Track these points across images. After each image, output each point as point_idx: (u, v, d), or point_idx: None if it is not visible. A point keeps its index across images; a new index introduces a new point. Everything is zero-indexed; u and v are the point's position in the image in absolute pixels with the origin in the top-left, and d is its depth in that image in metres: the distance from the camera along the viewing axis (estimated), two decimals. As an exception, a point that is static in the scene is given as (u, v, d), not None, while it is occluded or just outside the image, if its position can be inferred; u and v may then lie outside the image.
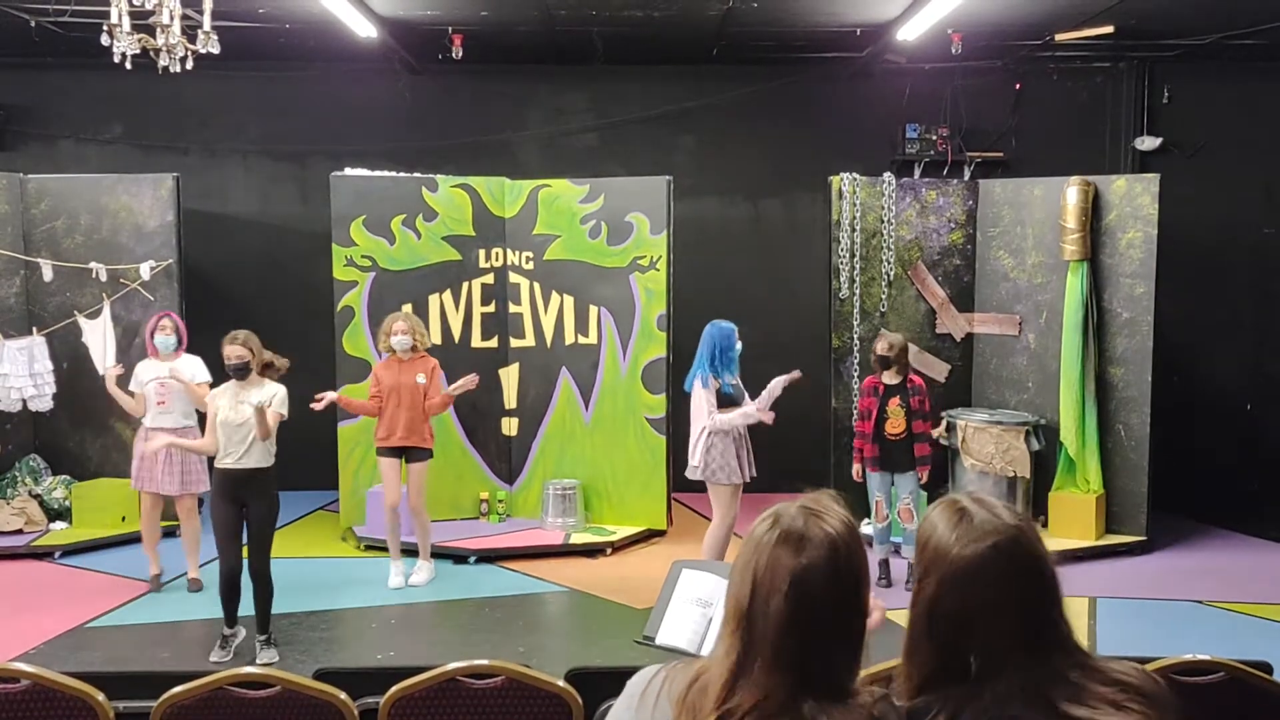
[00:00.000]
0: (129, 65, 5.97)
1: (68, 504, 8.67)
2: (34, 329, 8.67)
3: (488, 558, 8.18)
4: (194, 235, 9.21)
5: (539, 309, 9.00)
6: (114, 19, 5.69)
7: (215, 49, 5.83)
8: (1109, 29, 8.63)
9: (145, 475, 7.27)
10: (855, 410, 7.92)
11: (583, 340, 8.91)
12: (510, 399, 9.07)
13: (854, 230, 8.80)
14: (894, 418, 7.37)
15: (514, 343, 9.05)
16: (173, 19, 5.80)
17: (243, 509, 6.15)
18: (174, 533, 7.78)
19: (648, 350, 8.74)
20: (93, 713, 3.36)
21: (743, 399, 6.98)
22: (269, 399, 6.14)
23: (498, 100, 10.11)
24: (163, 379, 7.24)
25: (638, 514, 8.80)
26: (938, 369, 9.01)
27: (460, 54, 9.04)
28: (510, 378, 9.06)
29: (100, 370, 8.58)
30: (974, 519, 1.91)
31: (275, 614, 6.30)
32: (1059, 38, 8.98)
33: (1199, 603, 7.37)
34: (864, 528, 7.40)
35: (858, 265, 8.83)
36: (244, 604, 6.23)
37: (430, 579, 7.63)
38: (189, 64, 5.99)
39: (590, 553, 8.36)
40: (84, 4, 7.73)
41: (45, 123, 10.02)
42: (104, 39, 5.77)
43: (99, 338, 8.61)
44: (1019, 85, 9.97)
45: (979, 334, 9.11)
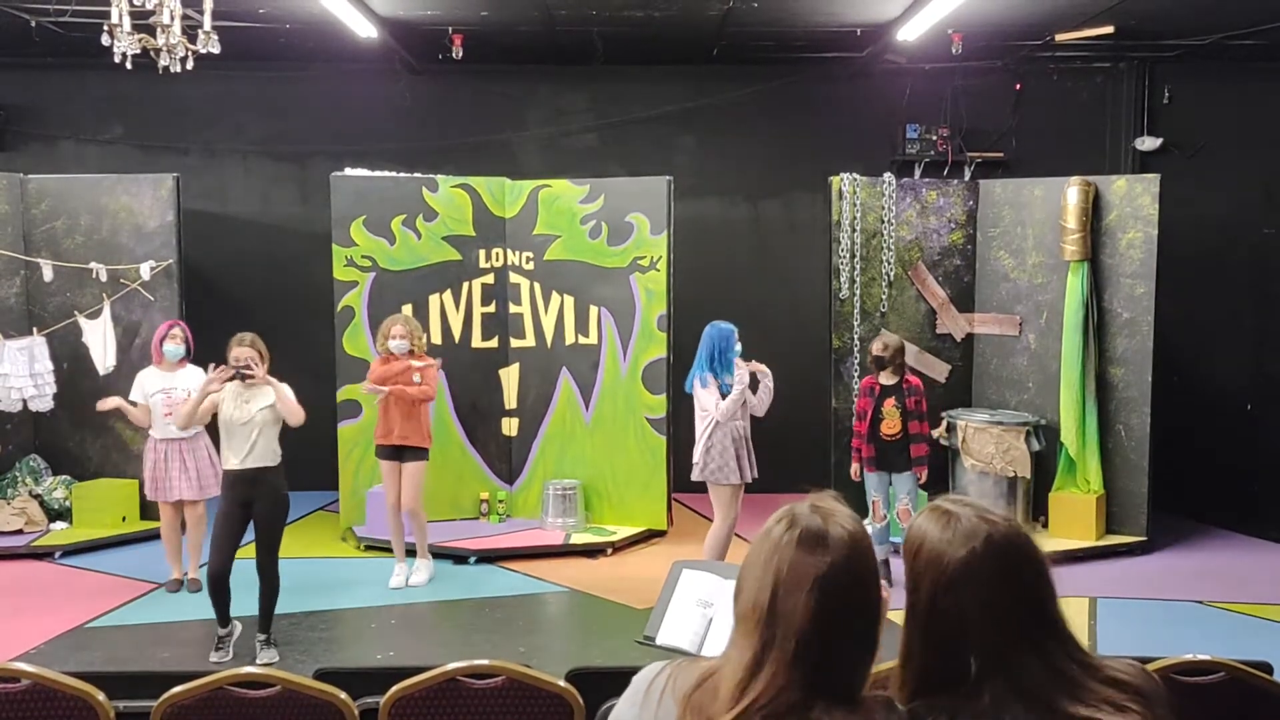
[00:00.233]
0: (129, 65, 5.98)
1: (68, 504, 8.68)
2: (34, 329, 8.67)
3: (488, 558, 8.18)
4: (194, 235, 9.21)
5: (539, 309, 9.00)
6: (114, 19, 5.69)
7: (215, 49, 5.83)
8: (1109, 29, 8.63)
9: (161, 485, 7.27)
10: (854, 410, 7.92)
11: (583, 340, 8.91)
12: (510, 399, 9.07)
13: (854, 230, 8.80)
14: (889, 418, 7.37)
15: (514, 343, 9.05)
16: (173, 19, 5.80)
17: (249, 510, 6.13)
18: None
19: (648, 350, 8.75)
20: (93, 712, 3.36)
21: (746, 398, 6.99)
22: (272, 400, 6.13)
23: (498, 100, 10.11)
24: (169, 390, 7.24)
25: (638, 514, 8.80)
26: (938, 369, 9.01)
27: (460, 54, 9.05)
28: (510, 378, 9.06)
29: (100, 370, 8.59)
30: (961, 521, 1.90)
31: (275, 614, 6.28)
32: (1059, 38, 8.98)
33: (1199, 603, 7.37)
34: (864, 528, 7.38)
35: (858, 265, 8.83)
36: (238, 604, 6.19)
37: (430, 578, 7.63)
38: (189, 64, 6.00)
39: (590, 553, 8.36)
40: (84, 4, 7.73)
41: (45, 123, 10.02)
42: (104, 39, 5.78)
43: (99, 338, 8.61)
44: (1019, 85, 9.97)
45: (979, 334, 9.11)
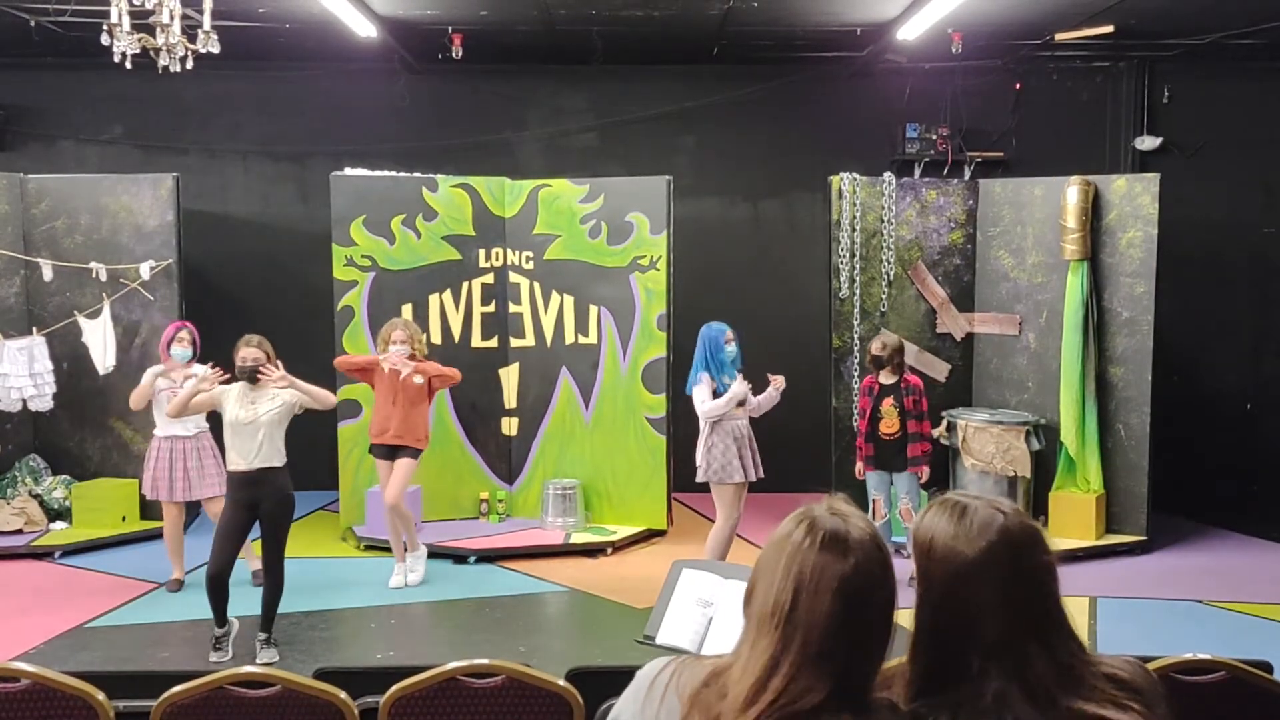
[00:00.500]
0: (129, 65, 5.98)
1: (68, 504, 8.68)
2: (34, 329, 8.66)
3: (488, 558, 8.18)
4: (194, 235, 9.20)
5: (539, 309, 9.00)
6: (114, 19, 5.69)
7: (215, 49, 5.83)
8: (1109, 29, 8.63)
9: (162, 485, 7.26)
10: (856, 409, 7.96)
11: (583, 340, 8.91)
12: (510, 399, 9.06)
13: (854, 230, 8.80)
14: (888, 417, 7.38)
15: (514, 342, 9.05)
16: (173, 19, 5.80)
17: (254, 512, 6.11)
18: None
19: (648, 350, 8.74)
20: (93, 712, 3.36)
21: (746, 398, 6.99)
22: (279, 401, 6.14)
23: (498, 100, 10.11)
24: (175, 389, 7.24)
25: (638, 514, 8.79)
26: (938, 369, 9.01)
27: (460, 54, 9.04)
28: (510, 378, 9.05)
29: (100, 370, 8.58)
30: (974, 516, 1.89)
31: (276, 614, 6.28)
32: (1059, 37, 8.97)
33: (1199, 602, 7.37)
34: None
35: (858, 265, 8.82)
36: (234, 604, 6.19)
37: (423, 564, 7.58)
38: (189, 64, 6.00)
39: (590, 553, 8.36)
40: (84, 4, 7.73)
41: (45, 123, 10.02)
42: (104, 39, 5.77)
43: (99, 338, 8.61)
44: (1019, 85, 9.97)
45: (979, 334, 9.11)
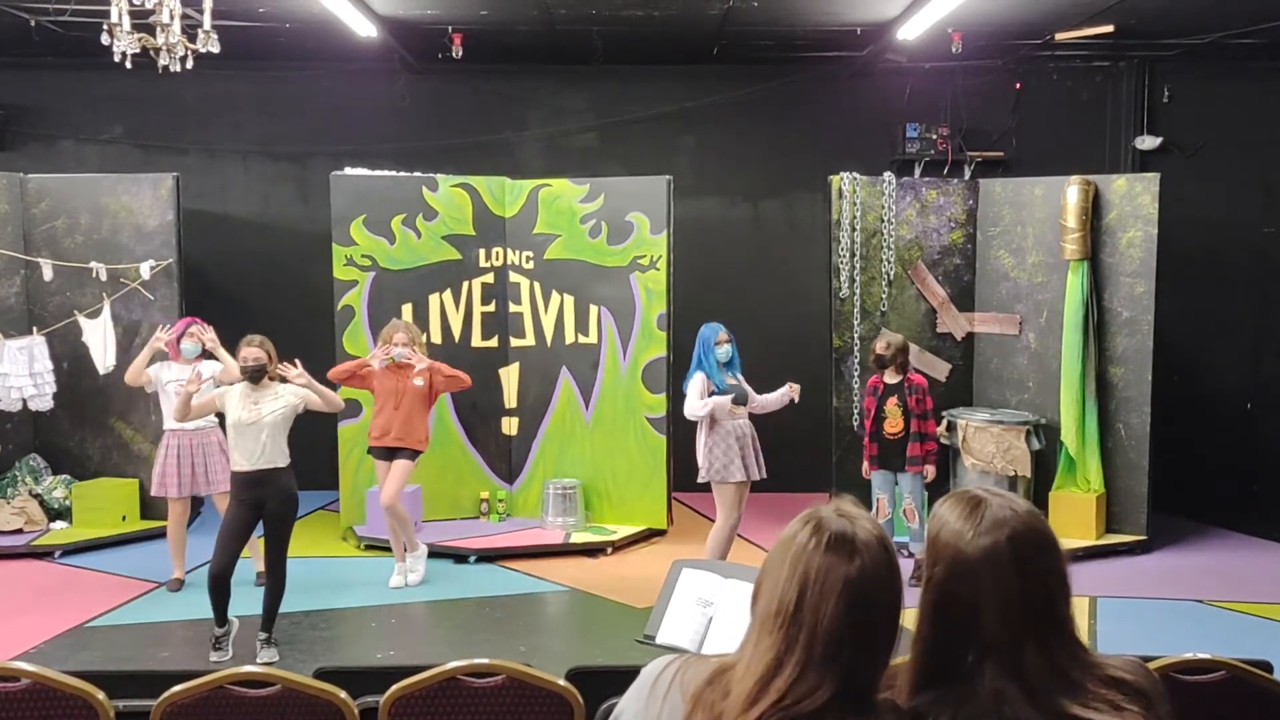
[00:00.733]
0: (129, 65, 5.98)
1: (68, 504, 8.68)
2: (34, 329, 8.66)
3: (488, 557, 8.18)
4: (194, 235, 9.20)
5: (539, 308, 9.00)
6: (114, 18, 5.69)
7: (215, 48, 5.83)
8: (1109, 29, 8.63)
9: (171, 481, 7.25)
10: (860, 409, 7.97)
11: (583, 340, 8.91)
12: (510, 399, 9.06)
13: (854, 230, 8.80)
14: (891, 417, 7.39)
15: (514, 342, 9.05)
16: (173, 18, 5.80)
17: (258, 512, 6.11)
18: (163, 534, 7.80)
19: (648, 350, 8.74)
20: (93, 712, 3.36)
21: (746, 398, 6.99)
22: (282, 402, 6.13)
23: (498, 100, 10.11)
24: (184, 382, 7.23)
25: (638, 514, 8.79)
26: (938, 368, 9.01)
27: (460, 54, 9.03)
28: (510, 377, 9.05)
29: (100, 370, 8.58)
30: (988, 510, 1.88)
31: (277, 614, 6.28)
32: (1059, 37, 8.97)
33: (1199, 602, 7.37)
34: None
35: (858, 265, 8.82)
36: (235, 603, 6.19)
37: (423, 564, 7.59)
38: (189, 64, 5.99)
39: (590, 552, 8.36)
40: (84, 4, 7.73)
41: (45, 123, 10.02)
42: (104, 39, 5.77)
43: (99, 337, 8.60)
44: (1019, 85, 9.97)
45: (979, 333, 9.11)
